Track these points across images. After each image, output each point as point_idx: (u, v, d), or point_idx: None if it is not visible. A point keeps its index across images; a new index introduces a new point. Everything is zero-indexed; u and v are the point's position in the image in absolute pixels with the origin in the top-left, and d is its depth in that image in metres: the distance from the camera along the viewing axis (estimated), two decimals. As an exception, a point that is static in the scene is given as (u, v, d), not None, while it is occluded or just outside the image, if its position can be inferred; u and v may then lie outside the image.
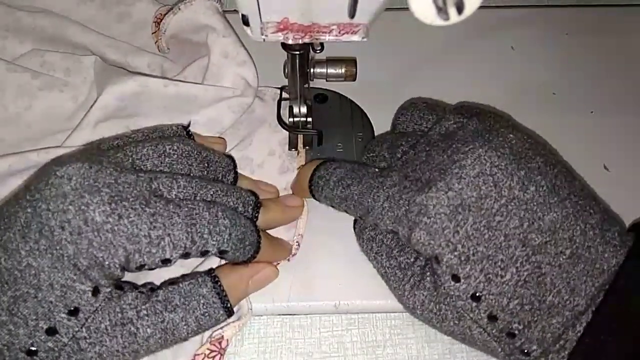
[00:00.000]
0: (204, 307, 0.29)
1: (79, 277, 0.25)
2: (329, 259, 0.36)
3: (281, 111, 0.40)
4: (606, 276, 0.26)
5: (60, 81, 0.41)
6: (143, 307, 0.27)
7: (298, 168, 0.39)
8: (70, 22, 0.44)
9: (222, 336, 0.31)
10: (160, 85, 0.37)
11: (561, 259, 0.26)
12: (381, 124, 0.42)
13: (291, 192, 0.38)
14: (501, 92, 0.45)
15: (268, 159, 0.40)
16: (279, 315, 0.35)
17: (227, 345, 0.32)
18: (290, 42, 0.27)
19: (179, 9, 0.40)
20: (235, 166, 0.35)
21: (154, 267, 0.28)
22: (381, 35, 0.44)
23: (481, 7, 0.20)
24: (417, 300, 0.30)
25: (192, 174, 0.32)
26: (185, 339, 0.29)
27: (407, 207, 0.28)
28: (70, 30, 0.43)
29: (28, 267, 0.25)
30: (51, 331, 0.25)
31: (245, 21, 0.26)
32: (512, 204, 0.26)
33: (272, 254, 0.34)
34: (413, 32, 0.47)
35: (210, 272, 0.30)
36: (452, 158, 0.28)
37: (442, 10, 0.20)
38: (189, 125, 0.37)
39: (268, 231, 0.35)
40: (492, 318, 0.27)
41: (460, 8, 0.20)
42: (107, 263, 0.26)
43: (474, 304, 0.27)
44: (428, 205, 0.27)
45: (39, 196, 0.26)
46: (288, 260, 0.35)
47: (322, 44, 0.33)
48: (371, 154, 0.36)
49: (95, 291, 0.26)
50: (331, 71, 0.38)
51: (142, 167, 0.30)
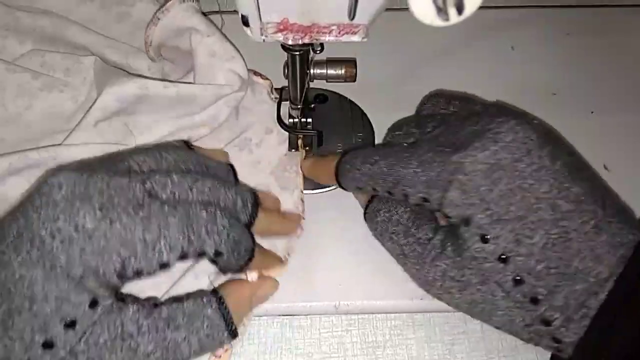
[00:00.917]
0: (208, 329, 0.28)
1: (74, 288, 0.25)
2: (329, 260, 0.36)
3: (281, 111, 0.40)
4: (624, 250, 0.26)
5: (60, 81, 0.41)
6: (145, 323, 0.27)
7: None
8: (70, 23, 0.44)
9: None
10: (160, 87, 0.37)
11: (587, 227, 0.27)
12: (381, 125, 0.42)
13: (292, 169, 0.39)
14: (501, 92, 0.45)
15: (266, 137, 0.41)
16: (279, 315, 0.35)
17: (228, 352, 0.32)
18: (290, 43, 0.27)
19: (158, 19, 0.40)
20: (235, 172, 0.34)
21: (153, 273, 0.27)
22: (381, 35, 0.44)
23: (481, 7, 0.20)
24: (439, 270, 0.29)
25: None
26: (186, 359, 0.28)
27: (443, 167, 0.28)
28: (70, 30, 0.43)
29: (21, 279, 0.24)
30: (48, 345, 0.24)
31: (245, 21, 0.26)
32: (543, 171, 0.27)
33: (263, 263, 0.34)
34: (413, 32, 0.47)
35: (215, 292, 0.30)
36: (486, 127, 0.29)
37: (442, 10, 0.20)
38: (190, 140, 0.37)
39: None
40: (518, 282, 0.27)
41: (460, 8, 0.20)
42: (102, 270, 0.25)
43: (501, 266, 0.27)
44: (464, 162, 0.27)
45: (31, 206, 0.25)
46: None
47: (322, 45, 0.33)
48: (398, 132, 0.35)
49: (93, 303, 0.25)
50: (331, 72, 0.38)
51: (138, 171, 0.30)
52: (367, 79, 0.42)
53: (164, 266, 0.27)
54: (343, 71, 0.38)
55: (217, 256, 0.29)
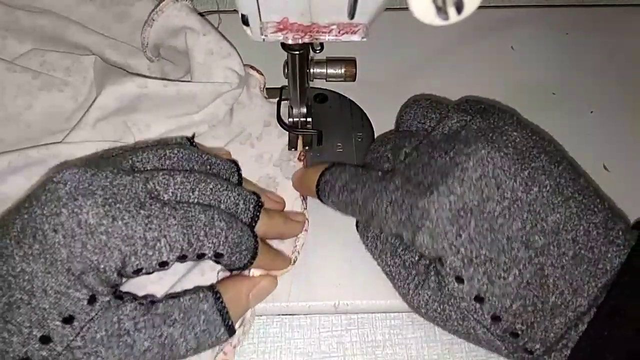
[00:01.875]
0: (204, 324, 0.28)
1: (73, 283, 0.25)
2: (329, 259, 0.36)
3: (281, 111, 0.40)
4: (609, 276, 0.26)
5: (60, 81, 0.41)
6: (141, 319, 0.27)
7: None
8: (70, 22, 0.44)
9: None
10: (159, 85, 0.37)
11: (564, 260, 0.26)
12: (381, 124, 0.42)
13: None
14: (501, 92, 0.45)
15: (265, 130, 0.42)
16: (279, 315, 0.35)
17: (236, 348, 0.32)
18: (290, 42, 0.27)
19: (153, 20, 0.40)
20: (239, 169, 0.35)
21: (152, 271, 0.28)
22: (381, 35, 0.44)
23: (481, 7, 0.20)
24: (422, 299, 0.30)
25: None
26: (183, 357, 0.28)
27: (410, 212, 0.28)
28: (70, 30, 0.43)
29: (22, 273, 0.24)
30: (45, 339, 0.24)
31: (244, 21, 0.26)
32: (515, 206, 0.26)
33: (270, 263, 0.34)
34: (413, 32, 0.47)
35: (212, 288, 0.30)
36: (455, 160, 0.28)
37: (442, 10, 0.20)
38: (194, 136, 0.37)
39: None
40: (496, 319, 0.27)
41: (459, 8, 0.20)
42: (103, 266, 0.26)
43: (478, 305, 0.27)
44: (430, 209, 0.27)
45: (35, 202, 0.26)
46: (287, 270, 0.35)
47: (322, 44, 0.33)
48: (375, 155, 0.35)
49: (91, 299, 0.25)
50: (331, 71, 0.38)
51: (142, 169, 0.30)
52: (367, 79, 0.42)
53: (163, 265, 0.28)
54: (343, 70, 0.38)
55: (218, 257, 0.29)
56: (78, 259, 0.25)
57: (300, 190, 0.38)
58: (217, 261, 0.30)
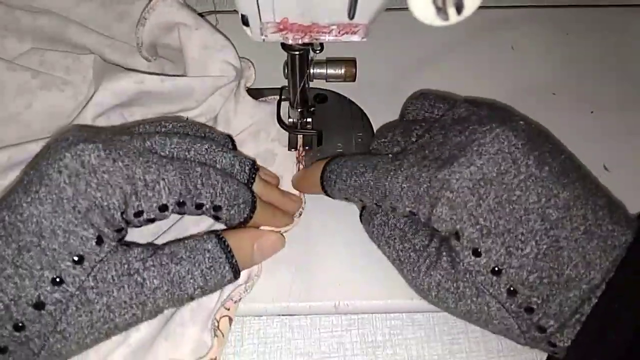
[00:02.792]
0: (210, 262, 0.29)
1: (80, 222, 0.26)
2: (329, 259, 0.36)
3: (281, 111, 0.40)
4: (618, 252, 0.26)
5: (60, 80, 0.41)
6: (149, 259, 0.28)
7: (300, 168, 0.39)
8: (69, 22, 0.44)
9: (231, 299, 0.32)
10: (156, 81, 0.38)
11: (577, 234, 0.27)
12: (381, 124, 0.42)
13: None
14: (501, 92, 0.45)
15: (260, 105, 0.42)
16: (279, 315, 0.35)
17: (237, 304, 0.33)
18: (290, 42, 0.27)
19: (145, 18, 0.40)
20: (233, 142, 0.35)
21: (153, 217, 0.29)
22: (381, 35, 0.44)
23: (481, 7, 0.20)
24: (434, 280, 0.29)
25: None
26: (192, 297, 0.29)
27: (429, 184, 0.28)
28: (70, 30, 0.43)
29: (30, 217, 0.25)
30: (57, 281, 0.25)
31: (244, 21, 0.26)
32: (530, 180, 0.27)
33: (271, 219, 0.34)
34: (413, 32, 0.47)
35: (215, 232, 0.31)
36: (471, 137, 0.28)
37: (442, 10, 0.20)
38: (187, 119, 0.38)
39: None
40: (512, 293, 0.27)
41: (459, 8, 0.20)
42: (106, 204, 0.27)
43: (494, 278, 0.27)
44: (451, 179, 0.27)
45: (42, 159, 0.27)
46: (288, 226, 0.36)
47: (322, 44, 0.33)
48: (383, 139, 0.35)
49: (99, 240, 0.26)
50: (331, 71, 0.38)
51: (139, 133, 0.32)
52: (367, 79, 0.42)
53: (164, 209, 0.29)
54: (343, 71, 0.38)
55: (216, 211, 0.30)
56: (82, 196, 0.26)
57: (302, 188, 0.38)
58: (217, 216, 0.31)
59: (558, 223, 0.27)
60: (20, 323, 0.25)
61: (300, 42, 0.27)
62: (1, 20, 0.43)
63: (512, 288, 0.27)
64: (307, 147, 0.40)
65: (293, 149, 0.40)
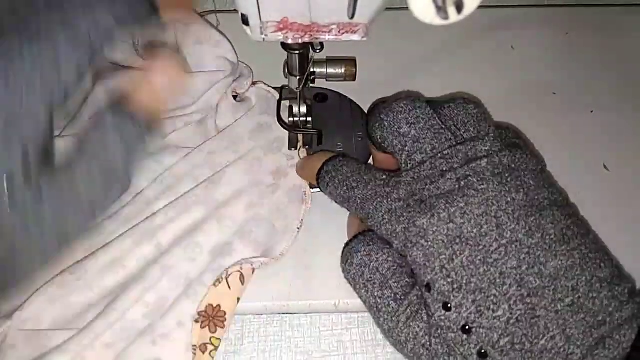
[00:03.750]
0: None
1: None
2: (329, 258, 0.36)
3: (281, 111, 0.40)
4: (607, 328, 0.25)
5: None
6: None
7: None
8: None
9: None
10: None
11: (559, 306, 0.26)
12: (381, 124, 0.42)
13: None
14: (501, 92, 0.45)
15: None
16: (279, 314, 0.35)
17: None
18: (290, 42, 0.27)
19: None
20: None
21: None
22: (381, 35, 0.44)
23: (481, 7, 0.20)
24: (412, 332, 0.29)
25: None
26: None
27: (407, 226, 0.28)
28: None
29: None
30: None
31: (245, 21, 0.26)
32: (513, 246, 0.26)
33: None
34: (413, 32, 0.47)
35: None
36: (463, 191, 0.28)
37: (442, 9, 0.20)
38: None
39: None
40: (482, 355, 0.26)
41: (459, 7, 0.20)
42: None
43: (465, 337, 0.27)
44: (428, 230, 0.27)
45: None
46: None
47: (322, 44, 0.33)
48: (388, 136, 0.32)
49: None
50: (331, 71, 0.38)
51: None
52: (367, 78, 0.42)
53: None
54: (343, 70, 0.38)
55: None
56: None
57: (302, 174, 0.38)
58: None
59: (538, 291, 0.26)
60: None
61: (300, 42, 0.27)
62: None
63: (483, 350, 0.26)
64: (307, 147, 0.40)
65: (293, 149, 0.40)
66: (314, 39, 0.26)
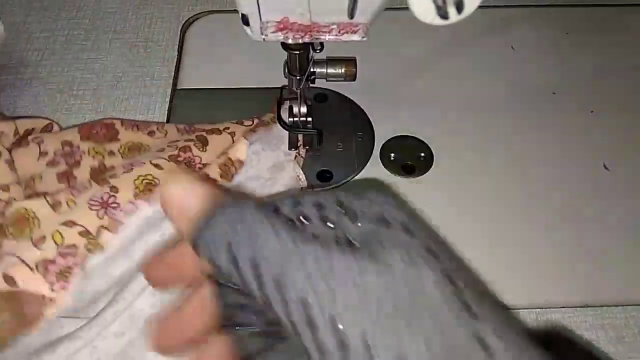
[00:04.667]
0: None
1: None
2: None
3: (281, 111, 0.40)
4: None
5: None
6: None
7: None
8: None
9: None
10: None
11: None
12: (381, 124, 0.42)
13: None
14: (501, 92, 0.45)
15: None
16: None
17: None
18: (290, 42, 0.27)
19: None
20: None
21: None
22: (381, 35, 0.44)
23: (481, 7, 0.20)
24: None
25: None
26: None
27: None
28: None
29: None
30: None
31: (245, 21, 0.26)
32: None
33: None
34: (413, 32, 0.47)
35: None
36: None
37: (442, 9, 0.20)
38: None
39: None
40: None
41: (459, 7, 0.20)
42: None
43: None
44: None
45: None
46: None
47: (322, 44, 0.33)
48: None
49: None
50: (331, 71, 0.38)
51: None
52: (367, 78, 0.42)
53: None
54: (343, 70, 0.38)
55: None
56: None
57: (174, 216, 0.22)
58: None
59: None
60: None
61: (300, 42, 0.27)
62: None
63: None
64: (307, 147, 0.40)
65: (293, 149, 0.40)
66: (314, 39, 0.26)
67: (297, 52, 0.32)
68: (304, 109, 0.39)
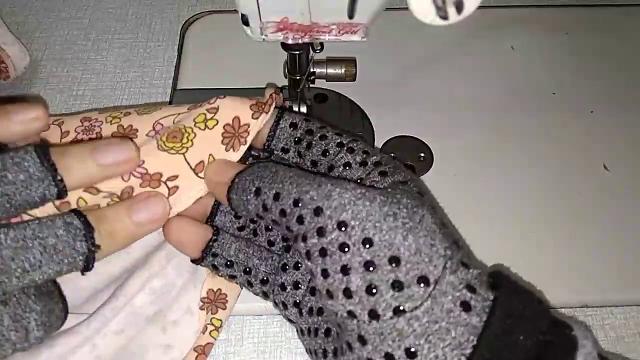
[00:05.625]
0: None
1: None
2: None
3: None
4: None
5: None
6: None
7: None
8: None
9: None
10: None
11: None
12: (381, 124, 0.42)
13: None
14: (501, 92, 0.45)
15: None
16: (279, 314, 0.35)
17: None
18: (290, 42, 0.27)
19: None
20: (54, 170, 0.24)
21: None
22: (381, 35, 0.44)
23: (481, 7, 0.20)
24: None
25: None
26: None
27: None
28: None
29: None
30: None
31: (245, 21, 0.26)
32: None
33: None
34: (413, 32, 0.47)
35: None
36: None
37: (442, 9, 0.20)
38: None
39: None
40: None
41: (459, 7, 0.20)
42: None
43: None
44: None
45: None
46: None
47: (322, 44, 0.33)
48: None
49: None
50: (331, 71, 0.38)
51: None
52: (367, 79, 0.42)
53: None
54: (343, 70, 0.38)
55: None
56: None
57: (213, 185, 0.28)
58: None
59: None
60: None
61: (300, 42, 0.27)
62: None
63: None
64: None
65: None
66: (314, 39, 0.27)
67: (297, 52, 0.32)
68: (304, 109, 0.39)
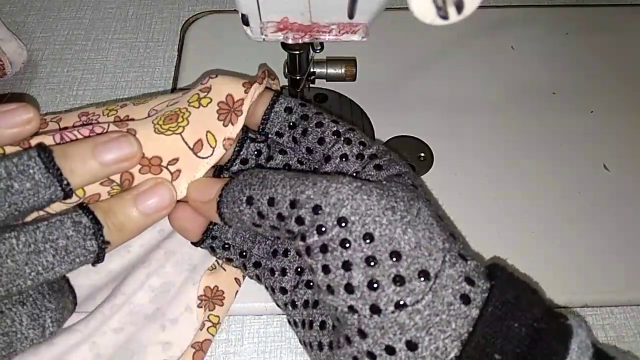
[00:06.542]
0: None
1: None
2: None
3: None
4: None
5: None
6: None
7: None
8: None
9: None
10: None
11: None
12: (381, 124, 0.42)
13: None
14: (501, 92, 0.45)
15: None
16: (279, 314, 0.35)
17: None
18: (290, 42, 0.27)
19: None
20: (59, 175, 0.23)
21: None
22: (381, 35, 0.44)
23: (481, 7, 0.20)
24: None
25: None
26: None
27: None
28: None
29: None
30: None
31: (245, 21, 0.26)
32: None
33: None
34: (413, 32, 0.47)
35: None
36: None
37: (442, 9, 0.20)
38: None
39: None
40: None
41: (459, 7, 0.20)
42: None
43: None
44: None
45: None
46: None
47: (322, 44, 0.33)
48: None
49: None
50: (331, 71, 0.38)
51: None
52: (367, 79, 0.42)
53: None
54: (343, 70, 0.38)
55: None
56: None
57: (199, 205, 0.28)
58: None
59: None
60: None
61: (300, 42, 0.27)
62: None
63: None
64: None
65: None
66: (314, 39, 0.26)
67: (297, 52, 0.32)
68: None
